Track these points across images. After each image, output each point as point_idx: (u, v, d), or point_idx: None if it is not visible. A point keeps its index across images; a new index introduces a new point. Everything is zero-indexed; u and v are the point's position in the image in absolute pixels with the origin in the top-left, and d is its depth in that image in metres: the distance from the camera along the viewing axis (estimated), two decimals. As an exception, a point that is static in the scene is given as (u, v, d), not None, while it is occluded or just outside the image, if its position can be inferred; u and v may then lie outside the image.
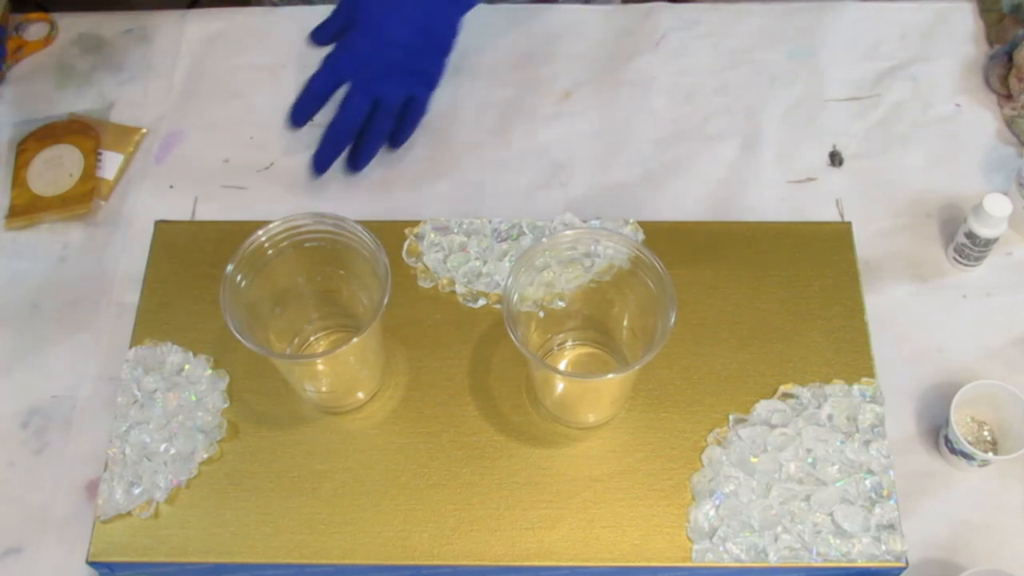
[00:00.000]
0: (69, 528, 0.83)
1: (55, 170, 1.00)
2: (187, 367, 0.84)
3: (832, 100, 1.04)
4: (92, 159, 1.01)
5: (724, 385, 0.83)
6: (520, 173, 1.01)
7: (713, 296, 0.87)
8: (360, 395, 0.83)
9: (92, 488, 0.84)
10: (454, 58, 1.08)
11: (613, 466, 0.80)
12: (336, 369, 0.80)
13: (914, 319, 0.91)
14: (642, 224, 0.90)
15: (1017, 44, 1.02)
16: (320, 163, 0.97)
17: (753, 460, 0.79)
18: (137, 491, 0.79)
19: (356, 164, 0.98)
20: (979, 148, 1.01)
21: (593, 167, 1.01)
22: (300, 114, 0.96)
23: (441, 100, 1.05)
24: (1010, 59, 1.02)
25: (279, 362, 0.80)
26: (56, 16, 1.12)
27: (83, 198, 0.98)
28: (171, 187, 1.00)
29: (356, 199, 0.99)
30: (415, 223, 0.91)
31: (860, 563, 0.75)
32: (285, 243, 0.78)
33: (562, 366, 0.85)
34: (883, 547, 0.76)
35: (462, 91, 1.06)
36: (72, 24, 1.12)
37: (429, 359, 0.85)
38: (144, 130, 1.04)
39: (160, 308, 0.87)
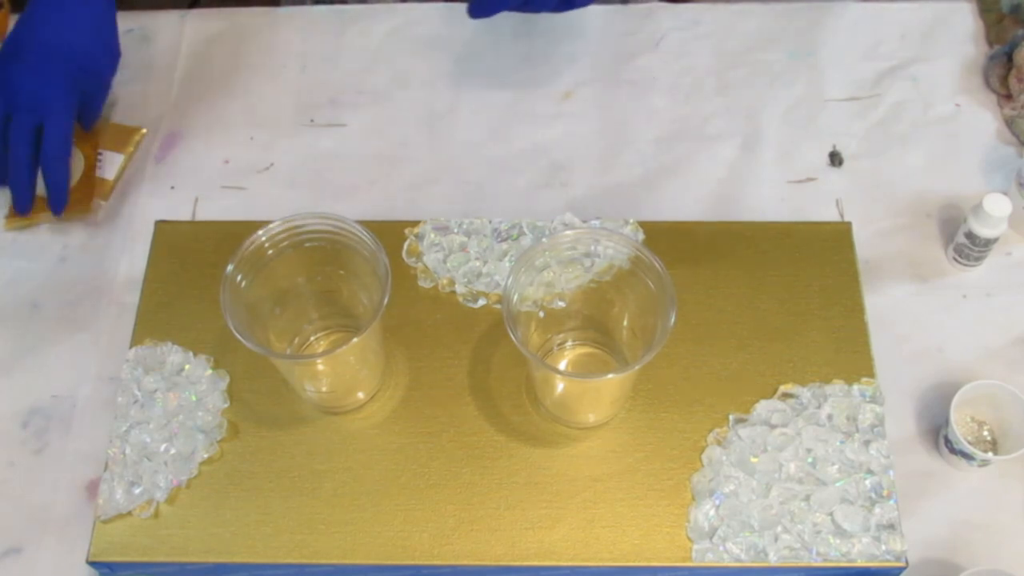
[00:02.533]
0: (69, 528, 0.83)
1: (55, 170, 1.00)
2: (187, 367, 0.84)
3: (832, 100, 1.04)
4: (92, 159, 1.01)
5: (724, 385, 0.83)
6: (520, 173, 1.01)
7: (713, 296, 0.87)
8: (360, 395, 0.83)
9: (92, 488, 0.84)
10: (454, 58, 1.08)
11: (613, 466, 0.80)
12: (336, 369, 0.80)
13: (914, 319, 0.91)
14: (642, 224, 0.90)
15: (1017, 44, 1.02)
16: (23, 205, 0.95)
17: (753, 460, 0.79)
18: (137, 491, 0.79)
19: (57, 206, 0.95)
20: (979, 148, 1.01)
21: (593, 167, 1.01)
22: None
23: (441, 100, 1.06)
24: (1010, 59, 1.02)
25: (279, 362, 0.80)
26: (56, 16, 1.12)
27: (83, 198, 0.98)
28: (171, 187, 1.00)
29: (356, 199, 0.99)
30: (415, 223, 0.91)
31: (860, 563, 0.75)
32: (285, 243, 0.78)
33: (562, 366, 0.85)
34: (883, 547, 0.76)
35: (462, 91, 1.06)
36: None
37: (429, 359, 0.85)
38: (144, 130, 1.04)
39: (160, 308, 0.87)
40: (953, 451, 0.82)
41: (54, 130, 0.92)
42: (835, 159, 1.00)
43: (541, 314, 0.81)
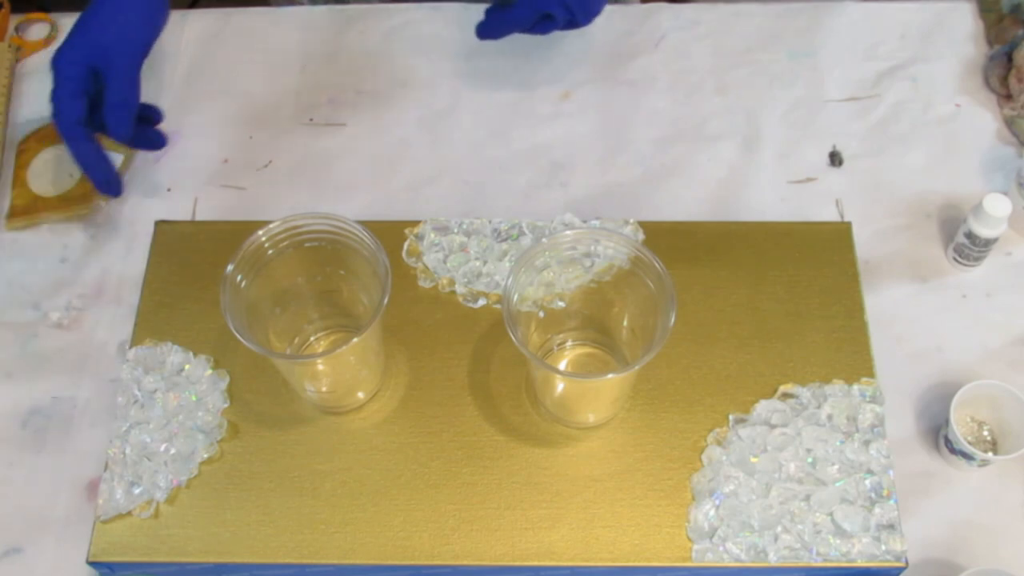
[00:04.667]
0: (69, 528, 0.83)
1: (55, 170, 1.00)
2: (187, 367, 0.84)
3: (832, 100, 1.04)
4: (92, 159, 1.01)
5: (724, 385, 0.83)
6: (520, 173, 1.01)
7: (713, 296, 0.87)
8: (360, 395, 0.83)
9: (92, 488, 0.84)
10: (454, 58, 1.08)
11: (613, 466, 0.80)
12: (336, 369, 0.80)
13: (914, 319, 0.91)
14: (642, 224, 0.90)
15: (1017, 44, 1.02)
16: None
17: (753, 460, 0.79)
18: (137, 491, 0.79)
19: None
20: (979, 148, 1.01)
21: (593, 167, 1.01)
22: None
23: (441, 100, 1.06)
24: (1010, 59, 1.02)
25: (279, 362, 0.80)
26: (56, 16, 1.12)
27: (83, 198, 0.98)
28: (170, 188, 1.00)
29: (356, 199, 0.99)
30: (415, 223, 0.91)
31: (860, 563, 0.75)
32: (285, 243, 0.78)
33: (562, 366, 0.85)
34: (883, 547, 0.76)
35: (462, 91, 1.06)
36: (72, 24, 1.11)
37: (429, 359, 0.85)
38: (144, 130, 1.04)
39: (160, 308, 0.87)
40: (953, 451, 0.82)
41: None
42: (835, 159, 1.00)
43: (541, 314, 0.81)
